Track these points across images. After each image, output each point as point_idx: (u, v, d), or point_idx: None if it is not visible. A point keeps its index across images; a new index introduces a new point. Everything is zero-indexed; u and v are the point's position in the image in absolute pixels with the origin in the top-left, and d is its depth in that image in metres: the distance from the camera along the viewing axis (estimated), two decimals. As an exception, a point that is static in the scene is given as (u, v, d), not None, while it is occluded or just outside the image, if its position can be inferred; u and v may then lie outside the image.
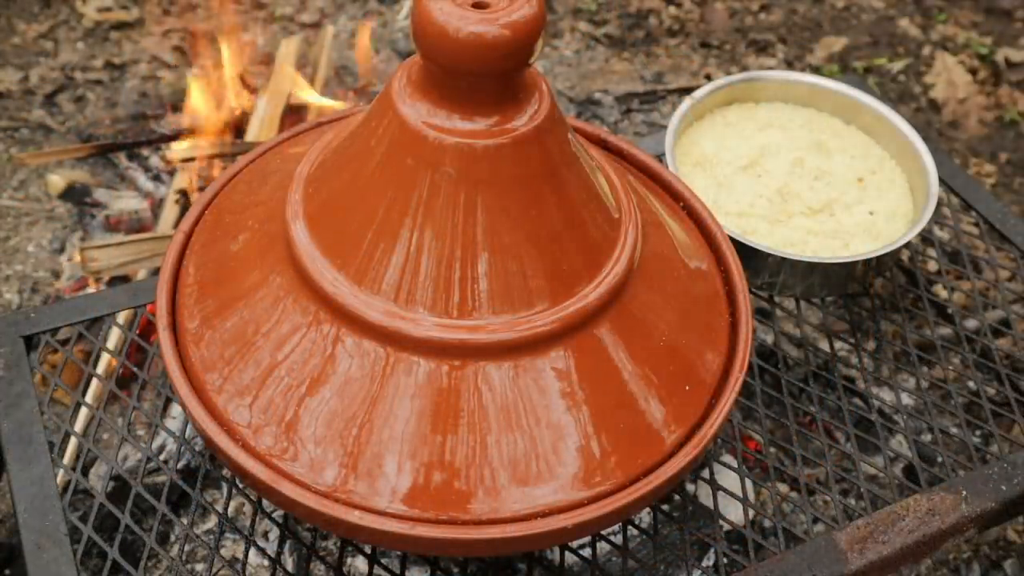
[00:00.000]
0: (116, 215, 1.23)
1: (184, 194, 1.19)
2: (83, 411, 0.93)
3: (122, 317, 0.91)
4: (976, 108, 1.58)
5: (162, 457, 0.87)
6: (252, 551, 0.72)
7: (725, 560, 0.67)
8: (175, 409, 0.93)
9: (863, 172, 0.87)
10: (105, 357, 0.96)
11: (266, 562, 0.81)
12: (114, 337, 0.95)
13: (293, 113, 1.29)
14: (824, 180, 0.85)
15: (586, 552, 0.73)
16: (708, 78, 1.60)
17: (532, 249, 0.54)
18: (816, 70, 1.64)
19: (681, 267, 0.63)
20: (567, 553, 0.68)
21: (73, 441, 0.89)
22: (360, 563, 0.82)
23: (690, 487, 0.84)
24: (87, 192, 1.28)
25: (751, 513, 0.86)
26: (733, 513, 0.76)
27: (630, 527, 0.69)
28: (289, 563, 0.80)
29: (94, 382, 0.94)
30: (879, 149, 0.90)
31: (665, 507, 0.85)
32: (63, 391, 0.75)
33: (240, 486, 0.71)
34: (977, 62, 1.66)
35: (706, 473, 0.71)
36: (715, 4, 1.78)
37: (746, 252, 0.76)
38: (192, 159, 1.19)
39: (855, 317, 0.85)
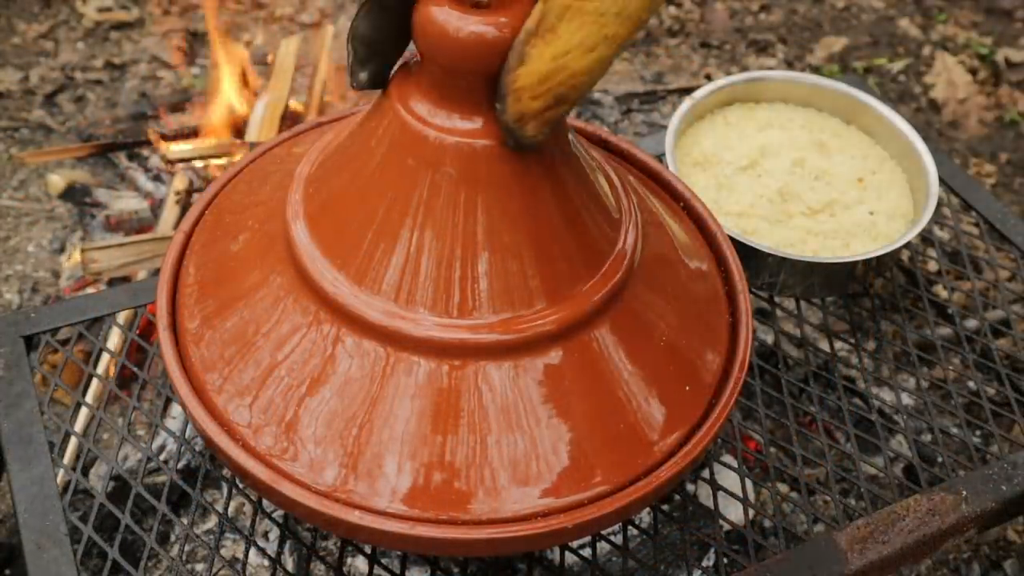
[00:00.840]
0: (116, 215, 1.23)
1: (184, 194, 1.19)
2: (83, 411, 0.93)
3: (122, 317, 0.91)
4: (976, 108, 1.58)
5: (162, 457, 0.87)
6: (252, 551, 0.72)
7: (725, 560, 0.67)
8: (175, 409, 0.93)
9: (863, 172, 0.87)
10: (105, 357, 0.96)
11: (266, 562, 0.81)
12: (114, 337, 0.95)
13: (293, 113, 1.29)
14: (824, 180, 0.85)
15: (586, 552, 0.73)
16: (708, 78, 1.60)
17: (532, 249, 0.54)
18: (816, 70, 1.64)
19: (681, 267, 0.63)
20: (567, 553, 0.68)
21: (73, 441, 0.89)
22: (360, 563, 0.82)
23: (690, 487, 0.84)
24: (87, 192, 1.28)
25: (751, 513, 0.86)
26: (733, 513, 0.76)
27: (630, 527, 0.69)
28: (289, 563, 0.80)
29: (94, 382, 0.94)
30: (879, 149, 0.90)
31: (665, 507, 0.85)
32: (63, 391, 0.75)
33: (240, 486, 0.71)
34: (977, 62, 1.66)
35: (706, 473, 0.71)
36: (715, 4, 1.79)
37: (746, 252, 0.76)
38: (191, 159, 1.19)
39: (855, 317, 0.85)
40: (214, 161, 1.19)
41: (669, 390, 0.57)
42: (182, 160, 1.19)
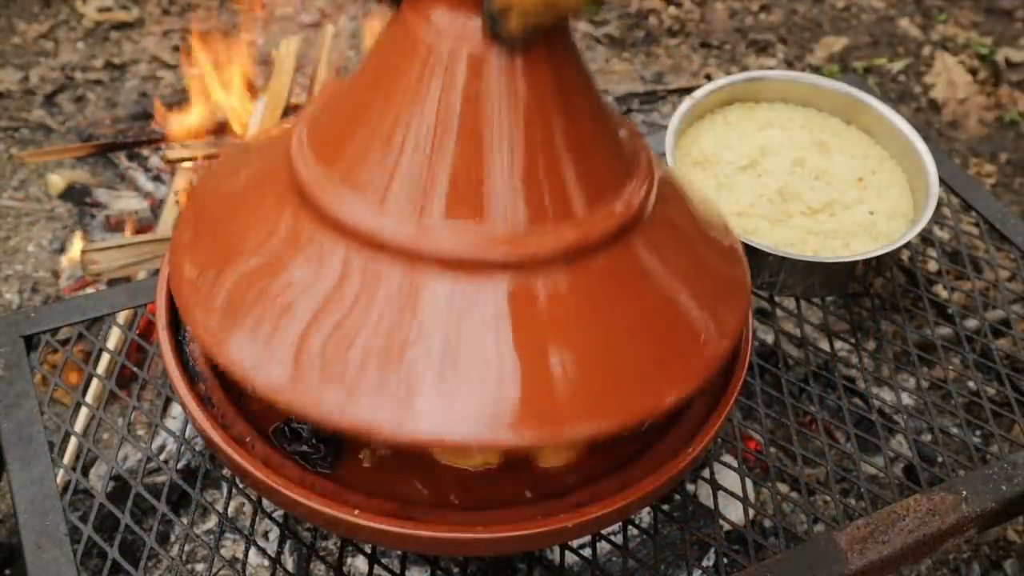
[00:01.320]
0: (116, 215, 1.23)
1: (184, 194, 1.18)
2: (83, 411, 0.93)
3: (122, 317, 0.91)
4: (976, 108, 1.59)
5: (162, 457, 0.87)
6: (252, 551, 0.72)
7: (725, 560, 0.67)
8: (175, 409, 0.93)
9: (863, 172, 0.87)
10: (105, 357, 0.96)
11: (266, 562, 0.81)
12: (114, 337, 0.95)
13: (293, 112, 1.29)
14: (824, 180, 0.85)
15: (586, 552, 0.73)
16: (708, 78, 1.60)
17: (547, 164, 0.52)
18: (816, 70, 1.64)
19: (697, 232, 0.62)
20: (567, 553, 0.68)
21: (73, 441, 0.89)
22: (360, 563, 0.82)
23: (690, 487, 0.84)
24: (87, 192, 1.28)
25: (751, 513, 0.86)
26: (733, 513, 0.76)
27: (630, 527, 0.69)
28: (289, 563, 0.80)
29: (94, 382, 0.94)
30: (879, 149, 0.90)
31: (665, 507, 0.85)
32: (63, 391, 0.75)
33: (240, 486, 0.71)
34: (977, 62, 1.66)
35: (706, 473, 0.71)
36: (715, 4, 1.79)
37: (746, 252, 0.76)
38: (191, 159, 1.19)
39: (855, 317, 0.84)
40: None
41: (684, 333, 0.55)
42: (182, 160, 1.19)
